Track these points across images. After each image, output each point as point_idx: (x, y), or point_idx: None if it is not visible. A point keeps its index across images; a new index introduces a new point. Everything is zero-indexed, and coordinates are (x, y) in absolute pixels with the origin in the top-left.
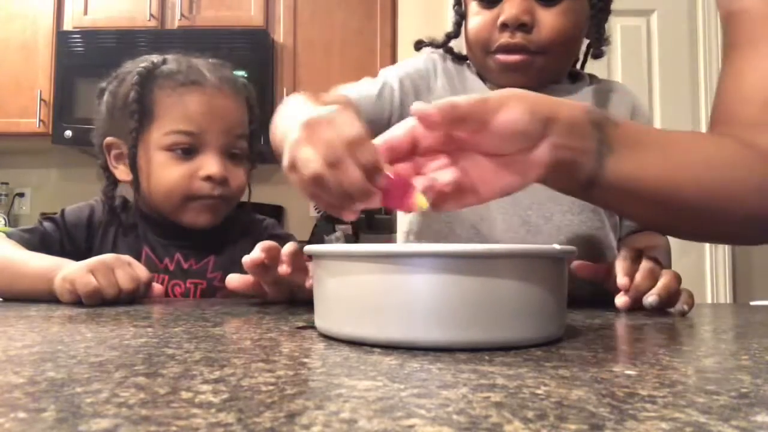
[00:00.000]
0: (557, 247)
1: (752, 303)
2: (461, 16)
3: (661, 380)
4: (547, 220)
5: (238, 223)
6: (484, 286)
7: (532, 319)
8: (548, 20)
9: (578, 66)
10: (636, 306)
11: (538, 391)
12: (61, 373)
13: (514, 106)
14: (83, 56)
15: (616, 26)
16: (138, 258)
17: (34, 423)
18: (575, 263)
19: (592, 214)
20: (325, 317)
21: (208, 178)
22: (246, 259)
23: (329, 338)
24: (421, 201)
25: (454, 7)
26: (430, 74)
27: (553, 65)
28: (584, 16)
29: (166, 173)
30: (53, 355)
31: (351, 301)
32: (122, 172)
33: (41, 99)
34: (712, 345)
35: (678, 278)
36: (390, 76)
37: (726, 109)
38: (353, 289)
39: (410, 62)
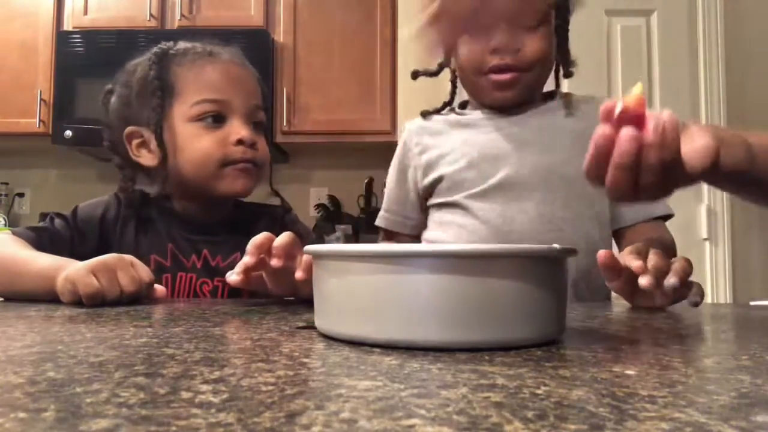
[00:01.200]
0: (557, 247)
1: (752, 303)
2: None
3: (661, 380)
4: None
5: (262, 218)
6: (484, 286)
7: (532, 319)
8: (531, 43)
9: (555, 86)
10: (658, 288)
11: (538, 391)
12: (61, 373)
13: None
14: (83, 56)
15: (616, 26)
16: (163, 256)
17: (34, 423)
18: (602, 251)
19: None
20: (325, 317)
21: (240, 142)
22: (238, 266)
23: (329, 338)
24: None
25: None
26: (407, 151)
27: (535, 82)
28: (553, 41)
29: (198, 143)
30: (53, 355)
31: (351, 301)
32: (147, 158)
33: (41, 99)
34: (712, 345)
35: (690, 262)
36: (390, 178)
37: None
38: (353, 289)
39: (395, 156)
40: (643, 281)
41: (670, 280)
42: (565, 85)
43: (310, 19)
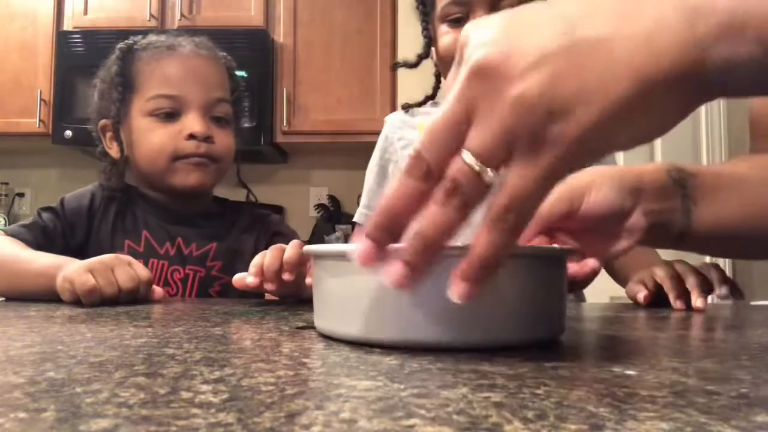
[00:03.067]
0: (557, 247)
1: (752, 303)
2: (430, 39)
3: (661, 380)
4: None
5: (244, 214)
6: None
7: (532, 319)
8: None
9: None
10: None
11: (538, 391)
12: (61, 373)
13: (601, 186)
14: (83, 56)
15: None
16: (137, 242)
17: (34, 423)
18: (641, 296)
19: None
20: (325, 317)
21: (192, 137)
22: (239, 282)
23: (329, 338)
24: None
25: (423, 32)
26: (389, 145)
27: None
28: None
29: (150, 137)
30: (53, 355)
31: (351, 301)
32: (116, 151)
33: (41, 99)
34: (712, 345)
35: (719, 267)
36: (371, 172)
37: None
38: (353, 289)
39: (376, 150)
40: (699, 303)
41: (722, 290)
42: None
43: (310, 19)
